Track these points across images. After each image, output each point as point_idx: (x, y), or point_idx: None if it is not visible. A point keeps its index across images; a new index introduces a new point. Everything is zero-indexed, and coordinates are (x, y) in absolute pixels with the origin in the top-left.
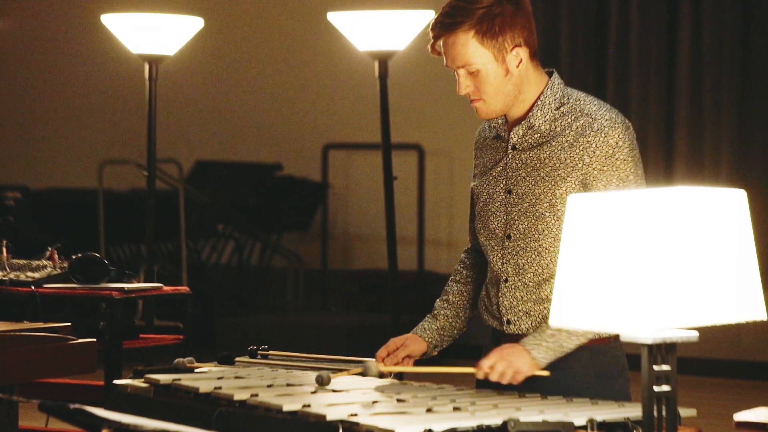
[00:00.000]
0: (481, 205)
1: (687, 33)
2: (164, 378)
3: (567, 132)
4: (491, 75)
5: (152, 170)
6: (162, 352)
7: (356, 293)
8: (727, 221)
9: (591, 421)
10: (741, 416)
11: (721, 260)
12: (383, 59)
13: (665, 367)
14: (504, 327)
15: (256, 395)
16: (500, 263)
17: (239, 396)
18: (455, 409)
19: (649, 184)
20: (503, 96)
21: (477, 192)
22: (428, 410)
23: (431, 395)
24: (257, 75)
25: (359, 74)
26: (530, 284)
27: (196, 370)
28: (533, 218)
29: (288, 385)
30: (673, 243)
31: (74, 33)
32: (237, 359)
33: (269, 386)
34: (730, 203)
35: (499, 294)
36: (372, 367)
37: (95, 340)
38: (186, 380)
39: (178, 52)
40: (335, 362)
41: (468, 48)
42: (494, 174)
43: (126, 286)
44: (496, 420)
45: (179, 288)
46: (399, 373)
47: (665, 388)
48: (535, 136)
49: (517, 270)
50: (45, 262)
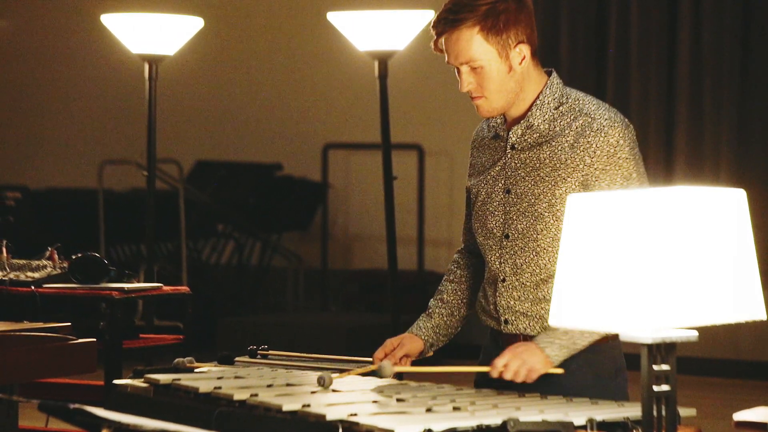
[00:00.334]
0: (479, 205)
1: (687, 33)
2: (164, 378)
3: (567, 132)
4: (494, 71)
5: (152, 170)
6: (162, 352)
7: (356, 293)
8: (727, 221)
9: (591, 421)
10: (740, 416)
11: (721, 260)
12: (383, 59)
13: (665, 367)
14: (501, 327)
15: (256, 395)
16: (498, 263)
17: (239, 396)
18: (455, 409)
19: (649, 184)
20: (505, 93)
21: (475, 191)
22: (428, 410)
23: (431, 395)
24: (257, 75)
25: (359, 74)
26: (528, 284)
27: (196, 370)
28: (532, 218)
29: (288, 385)
30: (673, 243)
31: (74, 33)
32: (237, 359)
33: (269, 386)
34: (730, 203)
35: (497, 294)
36: (386, 368)
37: (95, 340)
38: (186, 380)
39: (178, 52)
40: (335, 362)
41: (472, 44)
42: (493, 173)
43: (126, 286)
44: (496, 420)
45: (179, 288)
46: (398, 373)
47: (665, 388)
48: (534, 136)
49: (515, 270)
50: (45, 262)
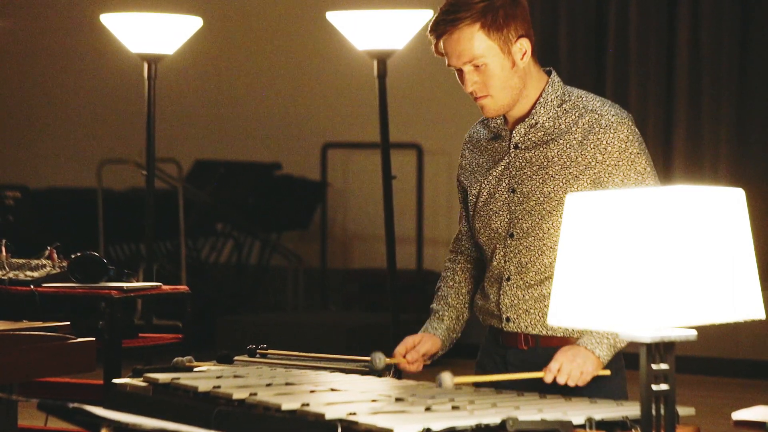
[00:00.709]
0: (481, 205)
1: (686, 32)
2: (163, 377)
3: (573, 129)
4: (498, 68)
5: (151, 169)
6: (161, 351)
7: (355, 292)
8: (726, 220)
9: (589, 420)
10: (739, 415)
11: (720, 259)
12: (382, 58)
13: (664, 366)
14: (503, 325)
15: (255, 394)
16: (503, 262)
17: (238, 395)
18: (454, 408)
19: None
20: (510, 90)
21: (475, 192)
22: (427, 409)
23: (430, 394)
24: (256, 74)
25: (358, 73)
26: (532, 282)
27: (195, 369)
28: (538, 217)
29: (287, 384)
30: (672, 242)
31: (73, 32)
32: (236, 358)
33: (268, 385)
34: (729, 202)
35: (500, 292)
36: (447, 380)
37: (94, 339)
38: (185, 379)
39: (177, 52)
40: (335, 361)
41: (474, 42)
42: (495, 173)
43: (125, 285)
44: (495, 419)
45: (178, 287)
46: (397, 372)
47: (664, 387)
48: (539, 134)
49: (520, 268)
50: (44, 262)
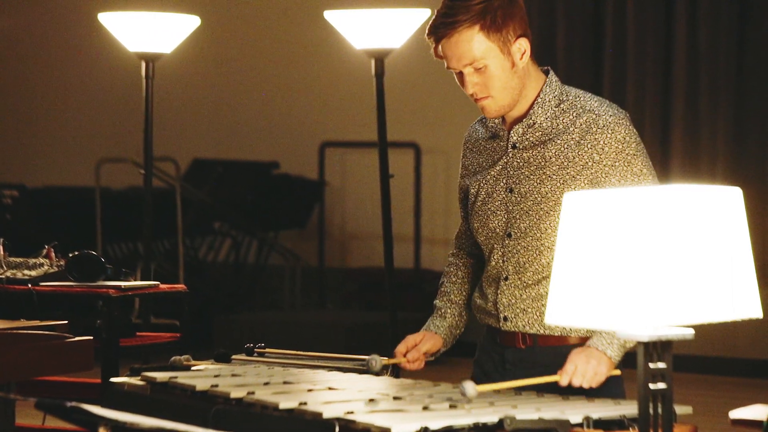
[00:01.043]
0: (479, 204)
1: (683, 31)
2: (161, 376)
3: (571, 129)
4: (499, 69)
5: (149, 168)
6: (159, 350)
7: (353, 291)
8: (723, 219)
9: (587, 419)
10: (736, 413)
11: (717, 258)
12: (380, 57)
13: (661, 365)
14: (500, 324)
15: (253, 393)
16: (501, 261)
17: (236, 394)
18: (451, 407)
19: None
20: (510, 90)
21: (474, 191)
22: (424, 408)
23: (427, 393)
24: (254, 73)
25: (356, 72)
26: (530, 282)
27: (193, 368)
28: (536, 216)
29: (284, 383)
30: (669, 241)
31: (71, 31)
32: (233, 357)
33: (266, 384)
34: (726, 201)
35: (498, 292)
36: (470, 390)
37: (92, 338)
38: (183, 378)
39: (175, 51)
40: (333, 360)
41: (474, 43)
42: (493, 173)
43: (123, 284)
44: (493, 418)
45: (176, 286)
46: (395, 371)
47: (661, 386)
48: (537, 134)
49: (518, 268)
50: (42, 260)
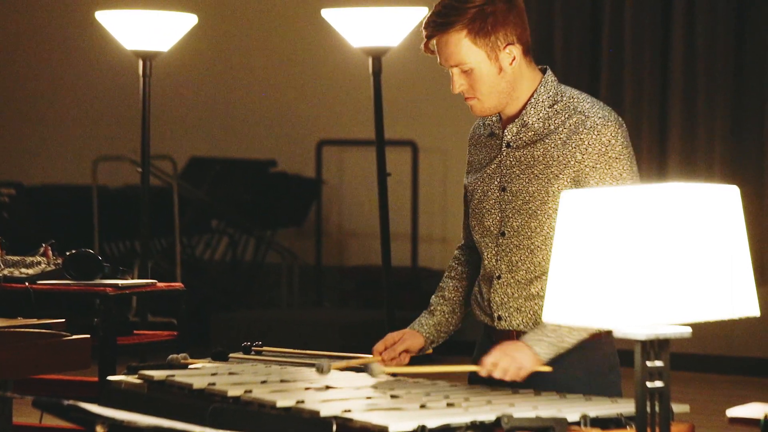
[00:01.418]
0: (476, 203)
1: (681, 30)
2: (158, 374)
3: (560, 130)
4: (485, 73)
5: (146, 166)
6: (156, 349)
7: (350, 289)
8: (720, 217)
9: (584, 417)
10: (734, 412)
11: (714, 256)
12: (377, 56)
13: (658, 363)
14: (495, 323)
15: (250, 391)
16: (494, 260)
17: (233, 392)
18: (449, 405)
19: (643, 181)
20: (497, 94)
21: (471, 189)
22: (422, 406)
23: (425, 391)
24: (251, 71)
25: (353, 71)
26: (522, 281)
27: (190, 367)
28: (526, 216)
29: (282, 381)
30: (667, 239)
31: (68, 29)
32: (231, 355)
33: (263, 382)
34: (723, 199)
35: (491, 290)
36: (376, 369)
37: (89, 337)
38: (180, 376)
39: (172, 49)
40: (329, 359)
41: (460, 47)
42: (489, 171)
43: (120, 283)
44: (490, 416)
45: (173, 284)
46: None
47: (658, 384)
48: (529, 134)
49: (510, 267)
50: (39, 259)
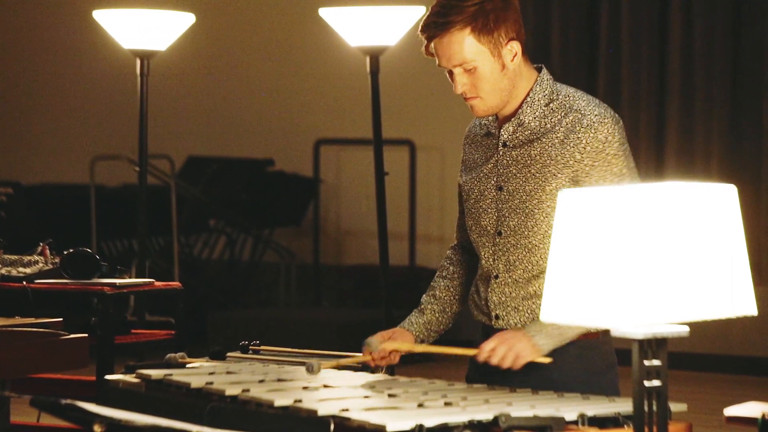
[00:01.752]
0: (472, 202)
1: (678, 28)
2: (156, 373)
3: (557, 128)
4: (488, 71)
5: (144, 166)
6: (154, 348)
7: (348, 288)
8: (718, 216)
9: (582, 416)
10: (731, 411)
11: (712, 256)
12: (375, 55)
13: (656, 362)
14: (492, 322)
15: (248, 390)
16: (491, 260)
17: (231, 391)
18: (446, 405)
19: (640, 180)
20: (499, 92)
21: (467, 189)
22: (419, 405)
23: (422, 390)
24: (249, 70)
25: (351, 70)
26: (520, 281)
27: (188, 366)
28: (523, 215)
29: (279, 381)
30: (664, 238)
31: (66, 29)
32: (228, 354)
33: (261, 381)
34: (721, 198)
35: (489, 290)
36: (374, 343)
37: (87, 336)
38: (178, 375)
39: (170, 48)
40: (327, 357)
41: (464, 46)
42: (485, 171)
43: (118, 282)
44: (488, 415)
45: (171, 283)
46: (390, 368)
47: (656, 383)
48: (526, 133)
49: (508, 267)
50: (36, 258)
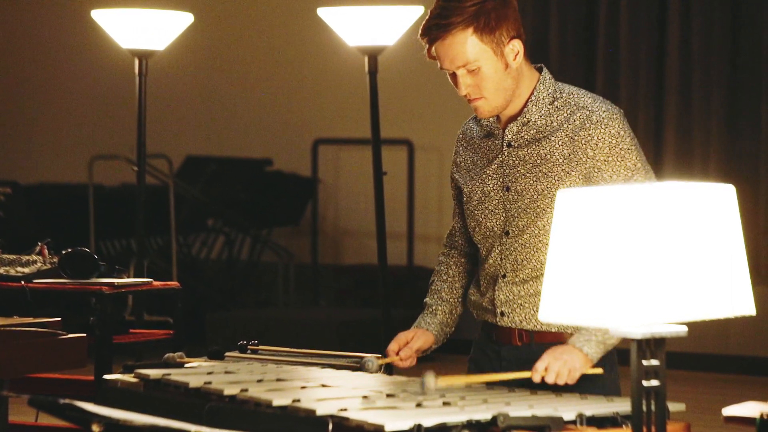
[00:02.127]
0: (475, 204)
1: (676, 28)
2: (154, 373)
3: (565, 126)
4: (492, 70)
5: (142, 165)
6: (152, 347)
7: (347, 288)
8: (716, 216)
9: (580, 416)
10: (729, 411)
11: (710, 255)
12: (373, 54)
13: (654, 362)
14: (497, 319)
15: (246, 390)
16: (499, 260)
17: (229, 391)
18: (445, 404)
19: (653, 173)
20: (503, 91)
21: (468, 191)
22: (418, 405)
23: (421, 390)
24: (247, 70)
25: (349, 69)
26: (528, 279)
27: (186, 365)
28: (533, 215)
29: (278, 380)
30: (662, 238)
31: (64, 28)
32: (227, 354)
33: (259, 381)
34: (719, 198)
35: (496, 288)
36: (430, 382)
37: (85, 335)
38: (176, 375)
39: (168, 48)
40: (326, 357)
41: (467, 46)
42: (488, 172)
43: (116, 281)
44: (486, 415)
45: (169, 283)
46: (388, 368)
47: (654, 383)
48: (531, 132)
49: (515, 266)
50: (35, 257)
